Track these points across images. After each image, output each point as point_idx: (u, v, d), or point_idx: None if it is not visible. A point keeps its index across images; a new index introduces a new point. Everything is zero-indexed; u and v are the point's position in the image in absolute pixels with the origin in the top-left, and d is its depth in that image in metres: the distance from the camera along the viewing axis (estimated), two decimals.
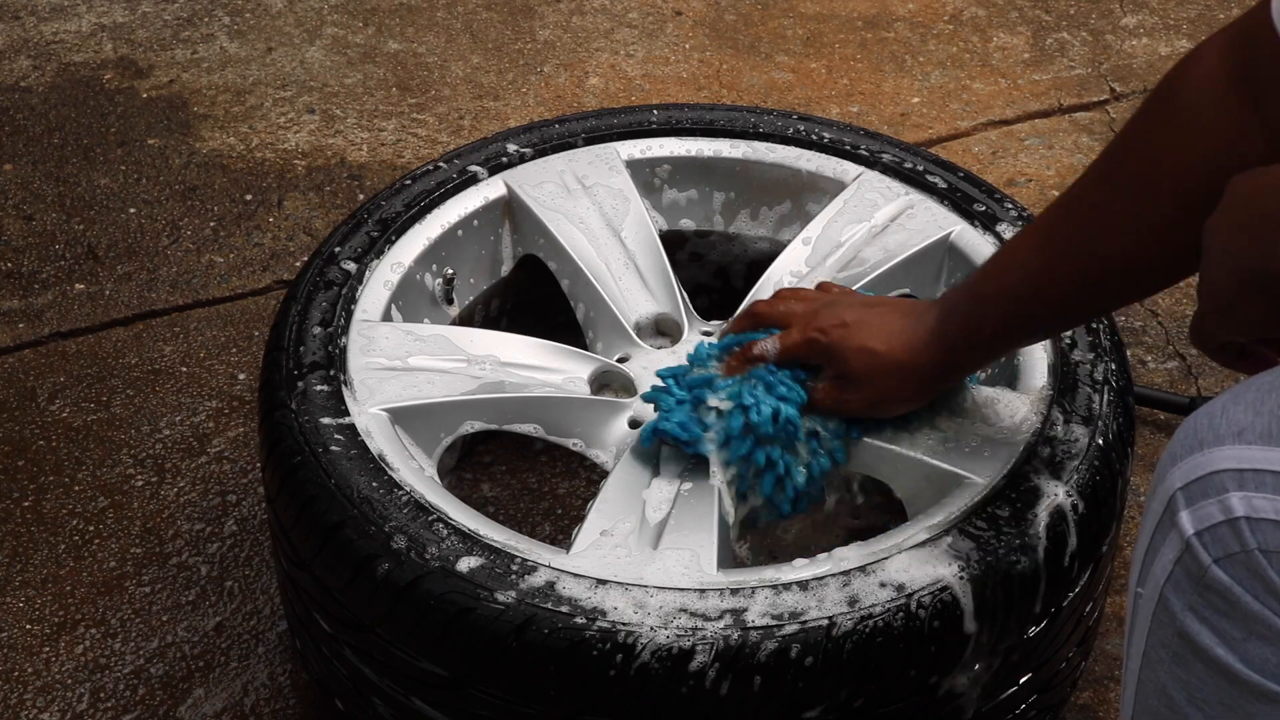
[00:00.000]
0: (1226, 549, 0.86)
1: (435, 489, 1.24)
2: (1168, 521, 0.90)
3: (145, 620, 1.55)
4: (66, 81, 2.46)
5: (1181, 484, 0.89)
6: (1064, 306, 1.14)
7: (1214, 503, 0.87)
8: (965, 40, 2.61)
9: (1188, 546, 0.88)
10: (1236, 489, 0.86)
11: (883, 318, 1.23)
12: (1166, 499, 0.90)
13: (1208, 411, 0.91)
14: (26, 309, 1.98)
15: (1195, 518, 0.88)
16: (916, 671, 1.13)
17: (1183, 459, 0.90)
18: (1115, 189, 1.06)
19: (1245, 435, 0.87)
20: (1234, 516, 0.86)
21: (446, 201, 1.54)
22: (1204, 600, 0.88)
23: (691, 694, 1.10)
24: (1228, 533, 0.86)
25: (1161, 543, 0.91)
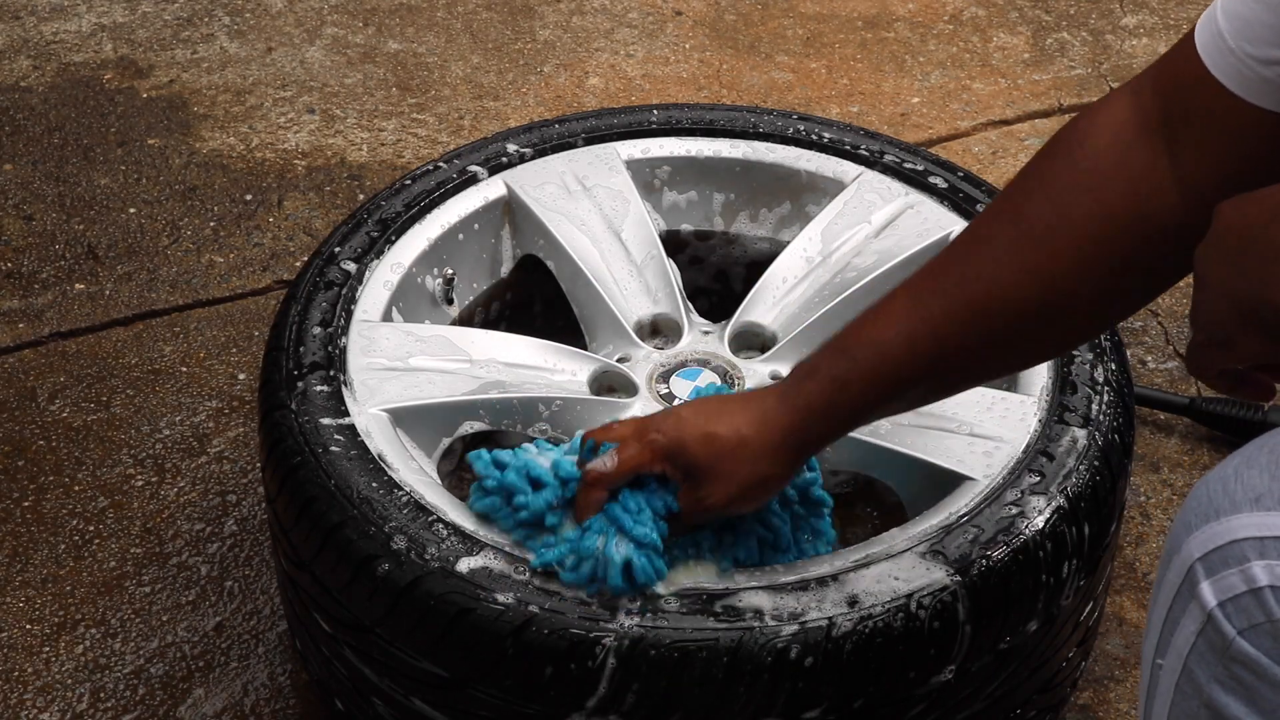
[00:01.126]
0: (1251, 619, 0.84)
1: (435, 489, 1.23)
2: (1187, 592, 0.87)
3: (145, 620, 1.55)
4: (66, 81, 2.46)
5: (1200, 554, 0.86)
6: (939, 363, 1.04)
7: (1235, 573, 0.85)
8: (965, 40, 2.61)
9: (1210, 618, 0.86)
10: (1258, 558, 0.84)
11: (723, 403, 1.13)
12: (1185, 569, 0.88)
13: (1220, 477, 0.88)
14: (26, 309, 1.98)
15: (1217, 588, 0.85)
16: (916, 672, 1.13)
17: (1199, 528, 0.87)
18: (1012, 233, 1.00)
19: (1264, 501, 0.85)
20: (1258, 586, 0.84)
21: (446, 202, 1.54)
22: (1230, 672, 0.86)
23: (692, 693, 1.10)
24: (1252, 603, 0.84)
25: (1181, 614, 0.88)
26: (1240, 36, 0.88)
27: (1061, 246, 0.97)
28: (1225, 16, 0.89)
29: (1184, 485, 1.72)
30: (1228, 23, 0.89)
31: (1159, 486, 1.72)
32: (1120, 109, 0.97)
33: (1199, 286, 0.90)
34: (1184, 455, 1.75)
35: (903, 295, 1.05)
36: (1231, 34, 0.88)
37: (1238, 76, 0.89)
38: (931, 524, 1.20)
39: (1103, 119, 0.97)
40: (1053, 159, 0.99)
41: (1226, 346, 0.90)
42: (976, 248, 1.02)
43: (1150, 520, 1.67)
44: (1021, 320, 1.00)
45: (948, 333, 1.02)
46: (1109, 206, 0.95)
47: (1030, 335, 1.02)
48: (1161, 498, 1.70)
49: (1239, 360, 0.92)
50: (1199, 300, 0.91)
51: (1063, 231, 0.97)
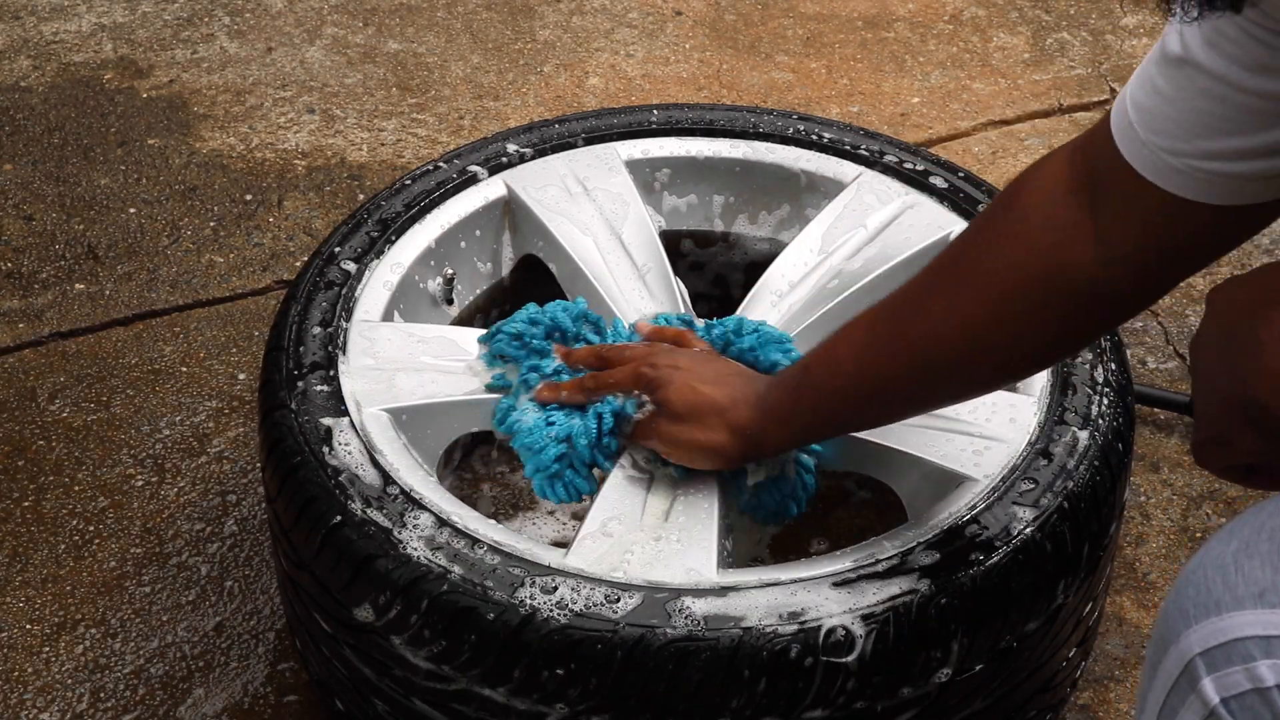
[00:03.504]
0: (1258, 718, 0.84)
1: (435, 489, 1.24)
2: (1186, 685, 0.87)
3: (145, 620, 1.55)
4: (66, 81, 2.46)
5: (1201, 649, 0.86)
6: (878, 393, 1.12)
7: (1239, 671, 0.84)
8: (965, 40, 2.61)
9: (1212, 714, 0.85)
10: (1264, 657, 0.83)
11: (718, 369, 1.25)
12: (1184, 661, 0.87)
13: (1219, 565, 0.87)
14: (26, 309, 1.98)
15: (1219, 685, 0.85)
16: (919, 669, 1.13)
17: (1199, 620, 0.86)
18: (945, 279, 1.06)
19: (1267, 597, 0.84)
20: (1264, 686, 0.83)
21: (446, 202, 1.54)
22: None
23: (693, 693, 1.10)
24: (1258, 702, 0.84)
25: (1181, 704, 0.88)
26: (1148, 129, 0.91)
27: (985, 291, 1.02)
28: (1134, 108, 0.92)
29: (1184, 485, 1.72)
30: (1136, 114, 0.92)
31: (1159, 486, 1.72)
32: (1058, 164, 1.01)
33: (1193, 379, 0.92)
34: (1184, 455, 1.75)
35: (864, 318, 1.13)
36: (1140, 125, 0.91)
37: (1150, 165, 0.92)
38: (931, 524, 1.20)
39: (1044, 172, 1.02)
40: (995, 206, 1.05)
41: (1224, 444, 0.92)
42: (924, 286, 1.08)
43: (1150, 520, 1.67)
44: (947, 358, 1.06)
45: (887, 364, 1.09)
46: (1031, 255, 0.99)
47: (957, 373, 1.08)
48: (1161, 498, 1.70)
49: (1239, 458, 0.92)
50: (1194, 394, 0.93)
51: (987, 277, 1.02)
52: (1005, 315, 1.02)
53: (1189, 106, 0.88)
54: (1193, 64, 0.86)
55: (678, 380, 1.23)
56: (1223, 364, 0.90)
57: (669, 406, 1.23)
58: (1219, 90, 0.86)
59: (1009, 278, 1.01)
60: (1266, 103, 0.85)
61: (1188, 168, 0.90)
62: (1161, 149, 0.90)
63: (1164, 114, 0.90)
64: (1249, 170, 0.89)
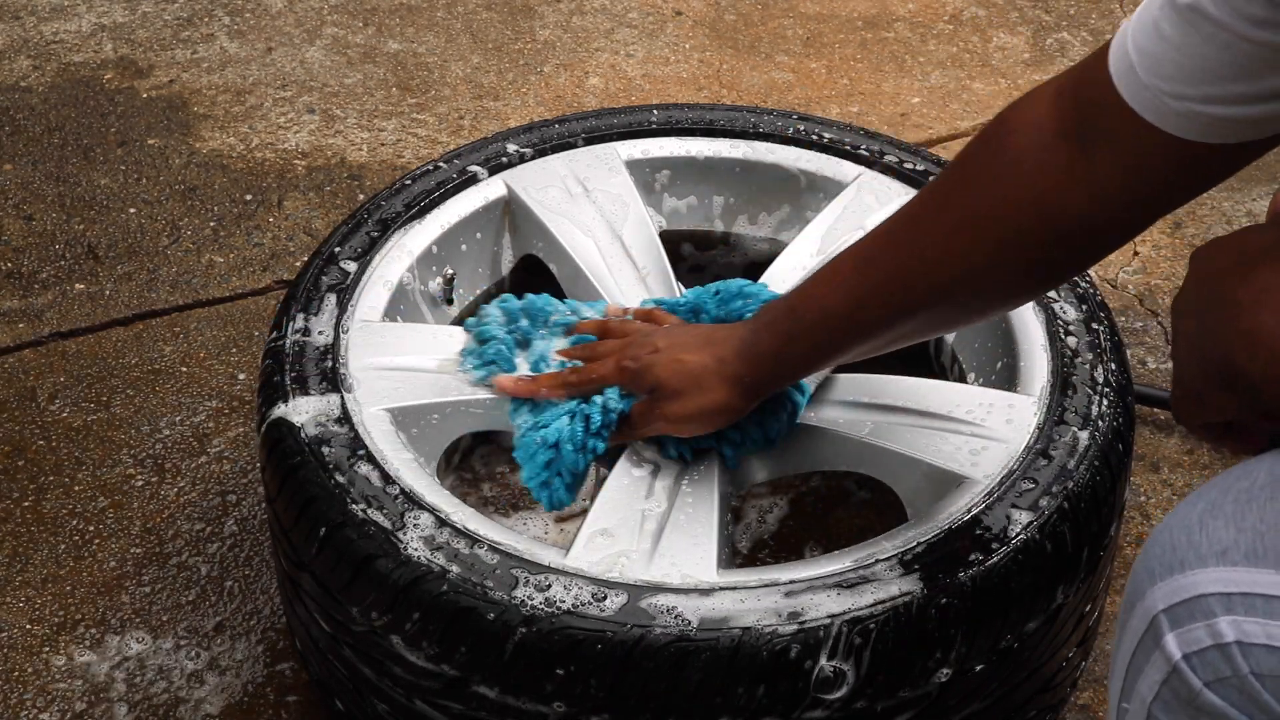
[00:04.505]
0: (1218, 673, 0.85)
1: (435, 489, 1.24)
2: (1151, 642, 0.88)
3: (145, 620, 1.55)
4: (66, 81, 2.46)
5: (1164, 606, 0.87)
6: (877, 329, 1.15)
7: (1201, 627, 0.86)
8: (965, 40, 2.61)
9: (1175, 669, 0.87)
10: (1225, 613, 0.85)
11: (695, 334, 1.27)
12: (1148, 619, 0.88)
13: (1184, 525, 0.89)
14: (26, 309, 1.98)
15: (1181, 641, 0.86)
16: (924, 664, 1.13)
17: (1163, 578, 0.88)
18: (940, 222, 1.07)
19: (1229, 555, 0.86)
20: (1224, 642, 0.85)
21: (446, 202, 1.54)
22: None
23: (693, 693, 1.10)
24: (1218, 657, 0.85)
25: (1145, 662, 0.89)
26: (1151, 73, 0.92)
27: (982, 232, 1.04)
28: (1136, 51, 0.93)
29: (1184, 485, 1.72)
30: (1139, 57, 0.93)
31: (1159, 486, 1.72)
32: (1042, 108, 1.02)
33: (1173, 339, 0.94)
34: (1184, 455, 1.75)
35: (849, 262, 1.15)
36: (1142, 69, 0.92)
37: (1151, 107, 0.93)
38: (931, 524, 1.20)
39: (1029, 115, 1.03)
40: (981, 149, 1.06)
41: (1199, 402, 0.94)
42: (912, 227, 1.10)
43: (1150, 520, 1.67)
44: (946, 296, 1.09)
45: (883, 302, 1.12)
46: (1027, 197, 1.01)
47: (953, 308, 1.12)
48: (1161, 498, 1.70)
49: (1213, 416, 0.94)
50: (1173, 354, 0.96)
51: (984, 218, 1.04)
52: (1003, 256, 1.04)
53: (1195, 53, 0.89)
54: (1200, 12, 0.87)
55: (661, 360, 1.25)
56: (1200, 324, 0.92)
57: (663, 387, 1.24)
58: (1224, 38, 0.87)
59: (1007, 221, 1.03)
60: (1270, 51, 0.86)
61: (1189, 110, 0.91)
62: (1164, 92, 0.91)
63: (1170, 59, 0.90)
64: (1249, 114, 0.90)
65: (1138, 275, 2.09)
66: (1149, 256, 2.13)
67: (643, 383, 1.26)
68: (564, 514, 1.60)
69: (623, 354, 1.28)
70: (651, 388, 1.25)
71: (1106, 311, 1.41)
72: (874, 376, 1.39)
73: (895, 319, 1.13)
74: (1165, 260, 2.12)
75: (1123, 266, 2.11)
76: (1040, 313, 1.40)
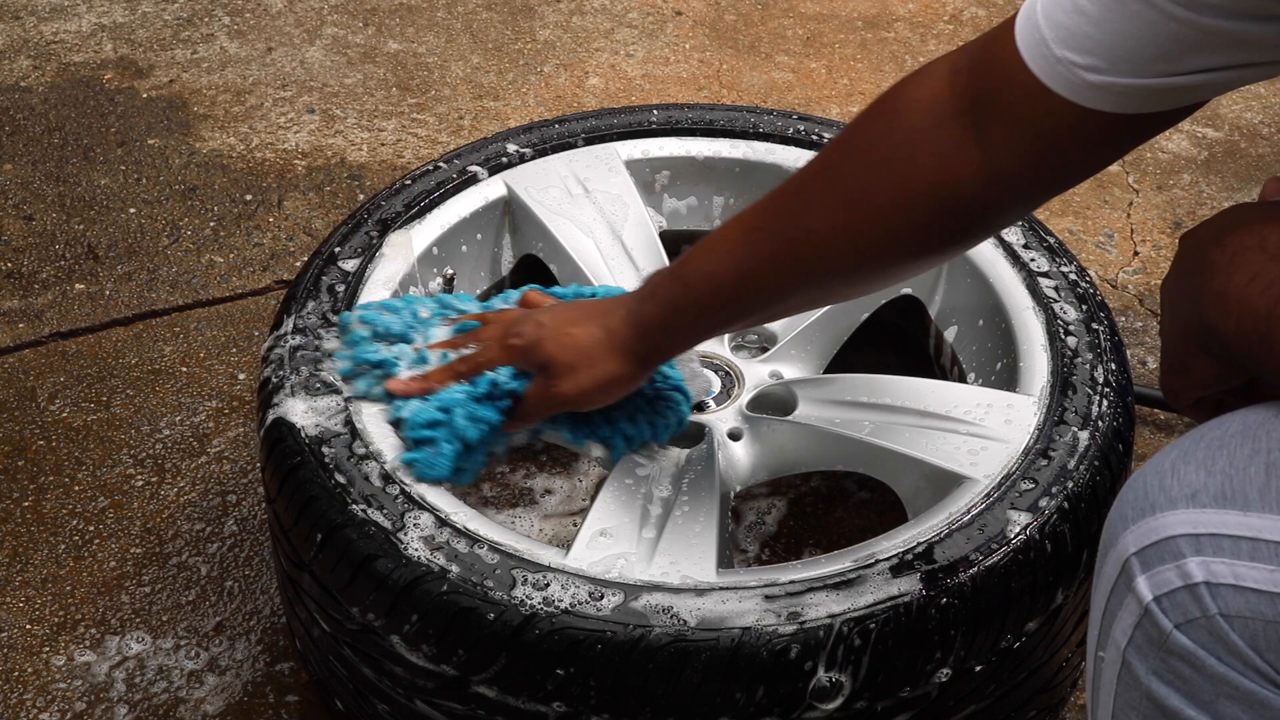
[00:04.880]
0: (1187, 614, 0.86)
1: (435, 489, 1.23)
2: (1124, 586, 0.89)
3: (145, 620, 1.55)
4: (66, 81, 2.46)
5: (1136, 549, 0.88)
6: (766, 299, 1.14)
7: (1171, 568, 0.86)
8: (965, 40, 2.61)
9: (1146, 612, 0.87)
10: (1194, 554, 0.85)
11: (578, 308, 1.25)
12: (1120, 563, 0.89)
13: (1156, 471, 0.90)
14: (26, 309, 1.98)
15: (1152, 583, 0.87)
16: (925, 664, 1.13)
17: (1135, 522, 0.89)
18: (828, 196, 1.07)
19: (1199, 498, 0.86)
20: (1193, 582, 0.85)
21: (446, 202, 1.54)
22: (1168, 664, 0.87)
23: (693, 693, 1.10)
24: (1187, 598, 0.86)
25: (1119, 607, 0.90)
26: (1065, 45, 0.91)
27: (871, 209, 1.04)
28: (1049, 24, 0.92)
29: None
30: (1051, 30, 0.92)
31: None
32: (937, 84, 1.01)
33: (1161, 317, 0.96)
34: None
35: (736, 232, 1.13)
36: (1055, 41, 0.91)
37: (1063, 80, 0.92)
38: (931, 524, 1.20)
39: (922, 92, 1.02)
40: (872, 124, 1.06)
41: (1182, 372, 0.96)
42: (799, 200, 1.10)
43: None
44: (834, 268, 1.09)
45: (771, 274, 1.11)
46: (917, 177, 1.01)
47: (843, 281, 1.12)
48: None
49: (1197, 385, 0.96)
50: (1160, 327, 0.97)
51: (873, 195, 1.03)
52: (891, 232, 1.04)
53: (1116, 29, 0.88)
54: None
55: (547, 335, 1.22)
56: (1182, 293, 0.93)
57: (554, 362, 1.22)
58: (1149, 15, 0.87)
59: (896, 200, 1.02)
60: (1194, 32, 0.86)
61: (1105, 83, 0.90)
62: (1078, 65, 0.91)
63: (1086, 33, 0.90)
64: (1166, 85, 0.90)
65: (1138, 275, 2.09)
66: (1149, 256, 2.13)
67: (533, 359, 1.23)
68: (557, 511, 1.59)
69: (507, 333, 1.25)
70: (543, 364, 1.23)
71: (1106, 311, 1.41)
72: (874, 377, 1.39)
73: (784, 290, 1.12)
74: (1165, 260, 2.12)
75: (1123, 267, 2.11)
76: (1040, 313, 1.40)
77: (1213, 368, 0.93)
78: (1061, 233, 2.16)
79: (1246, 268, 0.88)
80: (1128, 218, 2.22)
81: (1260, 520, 0.84)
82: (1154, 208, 2.24)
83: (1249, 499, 0.85)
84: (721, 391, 1.43)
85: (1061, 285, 1.43)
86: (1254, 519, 0.84)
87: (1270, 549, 0.84)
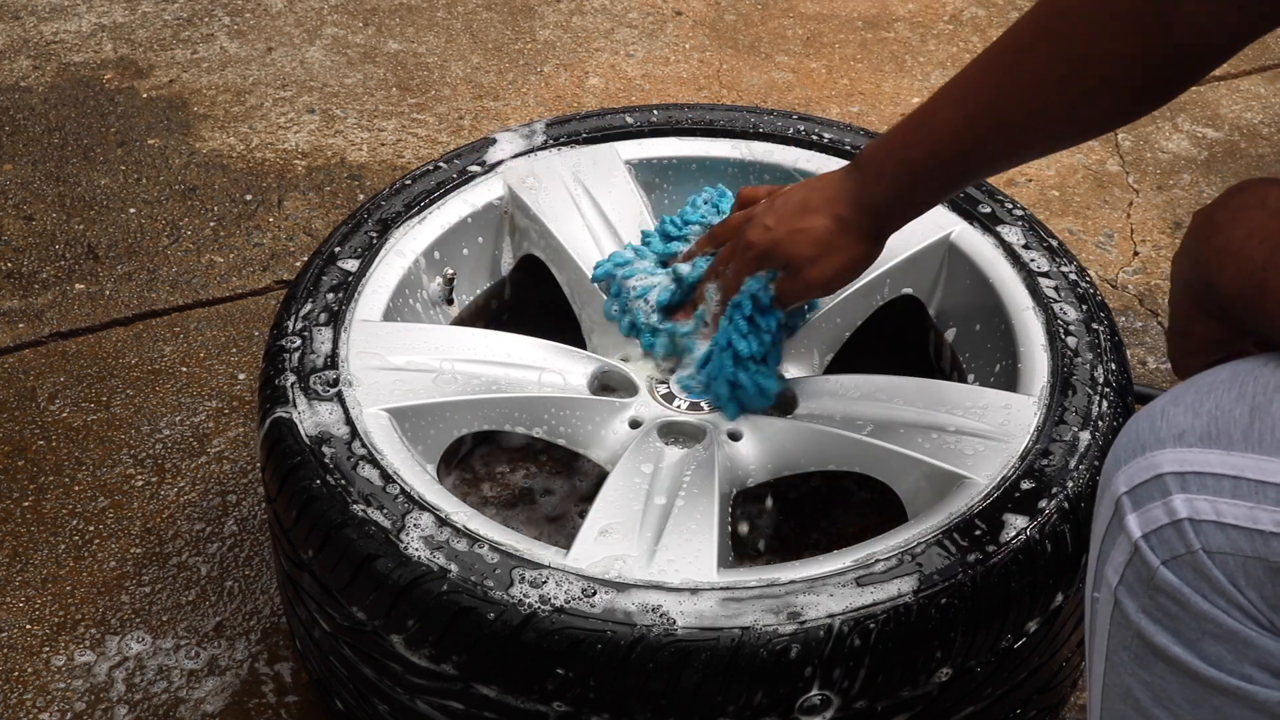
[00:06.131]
0: (1173, 551, 0.88)
1: (435, 489, 1.23)
2: (1116, 525, 0.91)
3: (145, 620, 1.55)
4: (66, 81, 2.46)
5: (1127, 488, 0.91)
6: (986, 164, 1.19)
7: (1159, 505, 0.89)
8: (965, 40, 2.61)
9: (1136, 549, 0.90)
10: (1179, 491, 0.88)
11: (797, 204, 1.29)
12: (1114, 502, 0.92)
13: (1149, 413, 0.92)
14: (26, 309, 1.98)
15: (1141, 520, 0.89)
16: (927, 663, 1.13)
17: (1126, 462, 0.91)
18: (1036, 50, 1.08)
19: (1185, 437, 0.89)
20: (1178, 519, 0.88)
21: (446, 201, 1.54)
22: (1156, 602, 0.90)
23: (693, 693, 1.10)
24: (1173, 534, 0.88)
25: (1111, 546, 0.92)
26: None
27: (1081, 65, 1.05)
28: None
29: None
30: None
31: None
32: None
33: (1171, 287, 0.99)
34: None
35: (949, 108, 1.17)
36: None
37: None
38: (931, 524, 1.20)
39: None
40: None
41: (1185, 335, 0.99)
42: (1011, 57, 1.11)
43: None
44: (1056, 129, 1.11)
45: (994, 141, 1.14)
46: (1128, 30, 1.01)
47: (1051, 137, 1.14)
48: None
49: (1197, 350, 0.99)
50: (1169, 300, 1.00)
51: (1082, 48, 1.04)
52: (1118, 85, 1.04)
53: None
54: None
55: (779, 235, 1.28)
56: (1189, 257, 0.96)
57: (794, 259, 1.28)
58: None
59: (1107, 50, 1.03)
60: None
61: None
62: None
63: None
64: None
65: (1138, 275, 2.09)
66: (1149, 256, 2.13)
67: (774, 262, 1.30)
68: (557, 511, 1.59)
69: (737, 249, 1.32)
70: (785, 264, 1.29)
71: (1106, 311, 1.41)
72: (874, 377, 1.39)
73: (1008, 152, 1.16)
74: (1165, 260, 2.12)
75: (1123, 267, 2.11)
76: (1040, 313, 1.40)
77: (1213, 330, 0.96)
78: (1061, 233, 2.16)
79: (1245, 223, 0.91)
80: (1128, 218, 2.22)
81: (1242, 459, 0.87)
82: (1154, 208, 2.24)
83: (1233, 439, 0.88)
84: None
85: (1061, 285, 1.43)
86: (1236, 458, 0.87)
87: (1251, 487, 0.86)
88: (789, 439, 1.36)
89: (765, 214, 1.31)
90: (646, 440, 1.34)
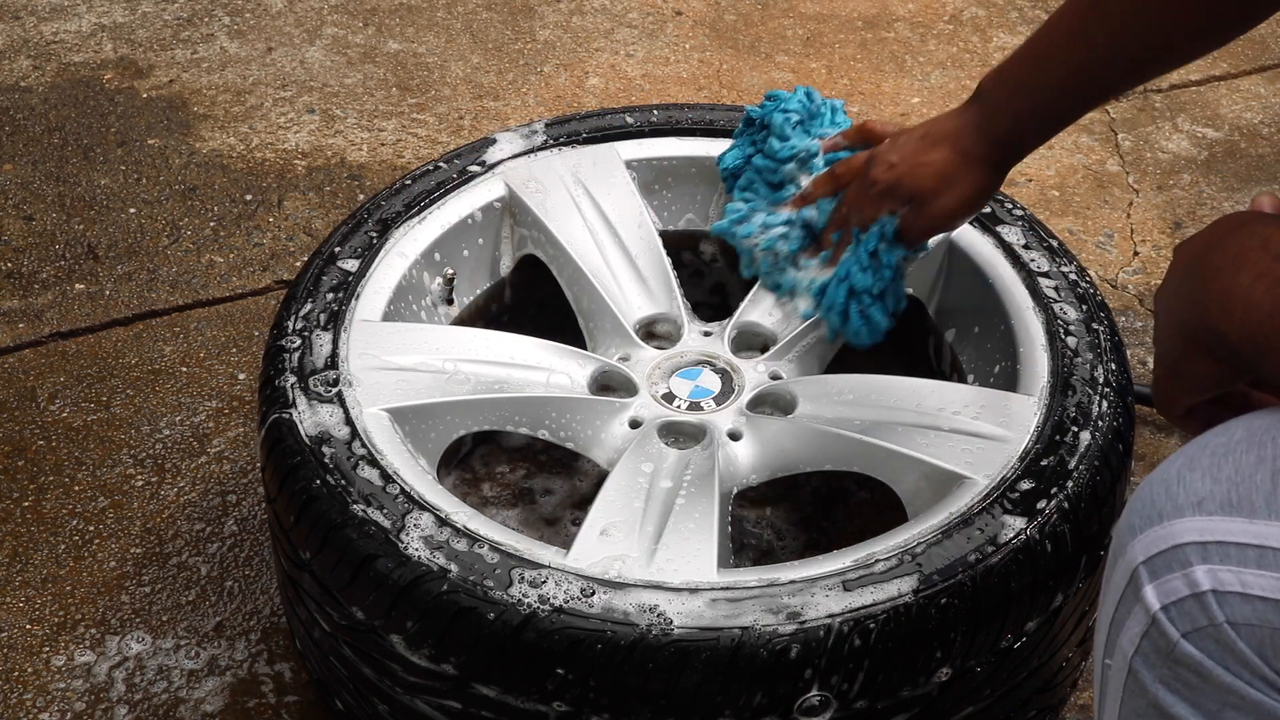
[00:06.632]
0: (1194, 623, 0.85)
1: (435, 489, 1.24)
2: (1131, 595, 0.89)
3: (145, 620, 1.55)
4: (66, 81, 2.46)
5: (1144, 557, 0.88)
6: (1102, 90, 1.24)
7: (1179, 577, 0.86)
8: (965, 40, 2.61)
9: (1154, 621, 0.87)
10: (1201, 562, 0.85)
11: (921, 140, 1.32)
12: (1129, 572, 0.89)
13: (1163, 479, 0.89)
14: (26, 309, 1.98)
15: (1160, 592, 0.87)
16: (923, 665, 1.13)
17: (1143, 531, 0.88)
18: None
19: (1205, 505, 0.86)
20: (1200, 591, 0.85)
21: (446, 201, 1.54)
22: (1175, 674, 0.87)
23: (692, 693, 1.10)
24: (1194, 607, 0.85)
25: (1126, 616, 0.89)
26: None
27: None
28: None
29: None
30: None
31: None
32: None
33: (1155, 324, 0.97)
34: None
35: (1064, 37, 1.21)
36: None
37: None
38: (931, 524, 1.20)
39: None
40: None
41: (1176, 376, 0.96)
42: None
43: None
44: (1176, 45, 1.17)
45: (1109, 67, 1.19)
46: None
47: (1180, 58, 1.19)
48: None
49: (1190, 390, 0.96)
50: (1154, 336, 0.98)
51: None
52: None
53: None
54: None
55: (903, 171, 1.31)
56: (1178, 297, 0.94)
57: (919, 193, 1.31)
58: None
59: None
60: None
61: None
62: None
63: None
64: None
65: (1138, 275, 2.09)
66: (1149, 256, 2.13)
67: (899, 197, 1.32)
68: (556, 511, 1.59)
69: (864, 187, 1.35)
70: (909, 198, 1.32)
71: (1106, 311, 1.41)
72: (874, 377, 1.39)
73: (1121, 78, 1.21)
74: (1165, 260, 2.12)
75: (1123, 267, 2.11)
76: (1040, 313, 1.40)
77: (1209, 371, 0.93)
78: (1061, 233, 2.16)
79: (1250, 268, 0.88)
80: (1128, 218, 2.22)
81: (1267, 528, 0.84)
82: (1154, 208, 2.24)
83: (1255, 506, 0.85)
84: (721, 391, 1.43)
85: (1062, 285, 1.43)
86: (1261, 526, 0.84)
87: (1277, 556, 0.83)
88: (789, 439, 1.36)
89: (889, 150, 1.34)
90: (646, 440, 1.34)
